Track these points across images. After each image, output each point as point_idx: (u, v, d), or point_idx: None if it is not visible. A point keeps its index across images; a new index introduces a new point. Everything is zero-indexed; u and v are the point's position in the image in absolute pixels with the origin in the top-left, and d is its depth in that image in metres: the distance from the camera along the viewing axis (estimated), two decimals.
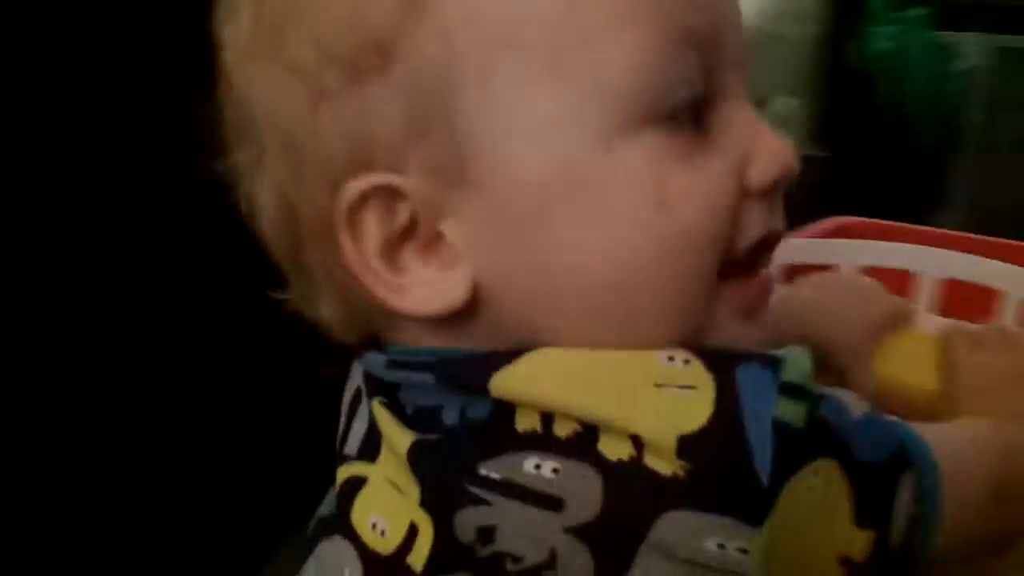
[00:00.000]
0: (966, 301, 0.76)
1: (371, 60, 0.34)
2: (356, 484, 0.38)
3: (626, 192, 0.34)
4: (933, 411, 0.48)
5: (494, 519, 0.33)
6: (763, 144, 0.36)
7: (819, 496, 0.33)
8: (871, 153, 2.28)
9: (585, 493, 0.32)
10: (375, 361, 0.39)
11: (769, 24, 2.07)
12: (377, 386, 0.38)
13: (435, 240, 0.36)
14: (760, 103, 0.38)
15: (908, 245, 0.83)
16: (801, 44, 2.24)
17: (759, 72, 0.42)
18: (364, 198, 0.35)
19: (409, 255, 0.36)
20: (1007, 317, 0.74)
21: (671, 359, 0.34)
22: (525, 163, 0.34)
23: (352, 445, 0.40)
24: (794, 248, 0.81)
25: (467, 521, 0.33)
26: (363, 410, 0.40)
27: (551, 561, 0.32)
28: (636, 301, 0.35)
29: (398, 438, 0.36)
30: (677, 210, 0.34)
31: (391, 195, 0.35)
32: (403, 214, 0.36)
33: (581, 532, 0.32)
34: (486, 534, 0.33)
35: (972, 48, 2.44)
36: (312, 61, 0.35)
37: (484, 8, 0.34)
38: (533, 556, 0.32)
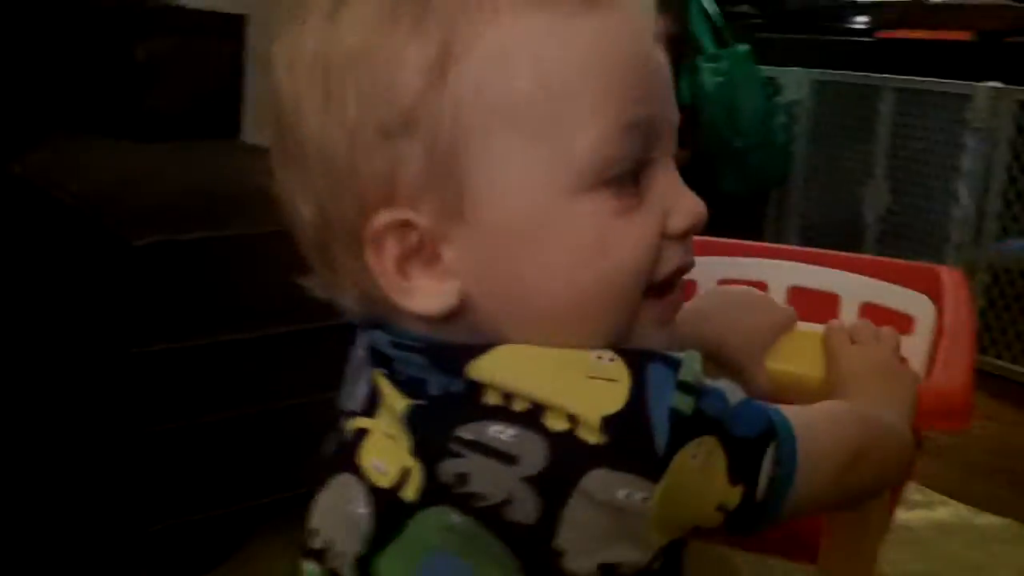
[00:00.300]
0: (808, 306, 0.83)
1: (399, 123, 0.43)
2: (361, 434, 0.47)
3: (579, 237, 0.45)
4: (819, 396, 0.56)
5: (467, 468, 0.43)
6: (681, 200, 0.48)
7: (701, 461, 0.45)
8: (705, 183, 2.39)
9: (533, 453, 0.43)
10: (381, 339, 0.48)
11: None
12: (380, 358, 0.48)
13: (435, 259, 0.46)
14: None
15: (755, 259, 0.91)
16: None
17: None
18: (387, 227, 0.44)
19: (415, 268, 0.46)
20: (845, 318, 0.81)
21: (600, 358, 0.45)
22: (507, 209, 0.44)
23: (356, 402, 0.49)
24: None
25: (448, 468, 0.45)
26: (365, 375, 0.49)
27: (508, 500, 0.43)
28: (581, 316, 0.46)
29: (395, 401, 0.46)
30: (615, 252, 0.45)
31: (406, 225, 0.45)
32: (413, 238, 0.45)
33: (530, 480, 0.43)
34: (461, 479, 0.43)
35: (792, 82, 2.62)
36: (353, 118, 0.44)
37: (488, 91, 0.43)
38: (495, 496, 0.44)
